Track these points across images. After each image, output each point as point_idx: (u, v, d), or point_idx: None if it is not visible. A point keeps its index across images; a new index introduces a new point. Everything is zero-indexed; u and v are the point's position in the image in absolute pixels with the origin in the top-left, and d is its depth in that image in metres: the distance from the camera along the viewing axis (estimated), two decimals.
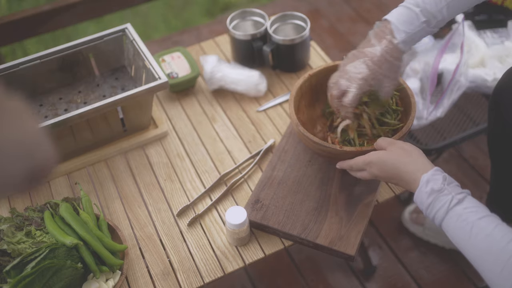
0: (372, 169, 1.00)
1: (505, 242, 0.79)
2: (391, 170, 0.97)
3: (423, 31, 1.01)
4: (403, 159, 0.95)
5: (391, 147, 0.99)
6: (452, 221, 0.86)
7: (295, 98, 1.18)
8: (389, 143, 1.00)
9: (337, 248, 1.06)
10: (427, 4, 0.99)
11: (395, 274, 1.58)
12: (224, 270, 1.09)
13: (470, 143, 1.85)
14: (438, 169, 0.92)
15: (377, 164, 0.99)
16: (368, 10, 2.53)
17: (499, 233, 0.81)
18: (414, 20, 1.00)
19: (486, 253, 0.80)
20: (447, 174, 0.91)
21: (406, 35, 1.00)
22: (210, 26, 2.52)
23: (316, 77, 1.22)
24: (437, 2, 0.99)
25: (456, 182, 0.90)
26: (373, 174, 1.00)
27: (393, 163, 0.96)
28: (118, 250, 1.07)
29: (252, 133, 1.35)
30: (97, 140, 1.29)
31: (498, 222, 0.83)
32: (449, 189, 0.88)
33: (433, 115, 1.58)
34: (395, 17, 1.01)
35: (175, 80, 1.41)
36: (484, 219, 0.83)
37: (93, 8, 1.98)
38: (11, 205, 1.22)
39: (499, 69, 1.63)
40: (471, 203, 0.86)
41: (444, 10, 0.99)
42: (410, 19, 1.00)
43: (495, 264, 0.79)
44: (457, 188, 0.88)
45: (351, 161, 1.04)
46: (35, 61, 1.31)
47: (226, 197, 1.22)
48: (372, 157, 1.00)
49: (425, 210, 0.90)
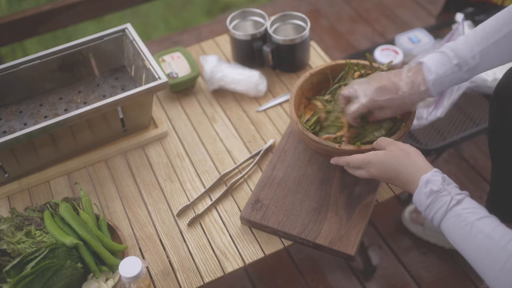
0: (370, 169, 1.00)
1: (504, 242, 0.79)
2: (390, 171, 0.97)
3: (454, 75, 1.01)
4: (402, 160, 0.95)
5: (390, 148, 0.99)
6: (451, 222, 0.86)
7: (296, 97, 1.18)
8: (388, 143, 1.00)
9: (337, 248, 1.06)
10: (461, 49, 1.00)
11: (395, 274, 1.58)
12: (224, 270, 1.09)
13: (470, 143, 1.85)
14: (437, 170, 0.92)
15: (375, 165, 0.99)
16: (368, 10, 2.53)
17: (498, 233, 0.81)
18: (446, 62, 1.01)
19: (485, 253, 0.81)
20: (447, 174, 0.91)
21: (437, 76, 1.01)
22: (210, 26, 2.52)
23: (317, 76, 1.22)
24: (471, 49, 0.99)
25: (455, 184, 0.90)
26: (371, 174, 1.01)
27: (392, 164, 0.96)
28: (118, 250, 1.07)
29: (252, 133, 1.35)
30: (97, 140, 1.29)
31: (497, 223, 0.83)
32: (448, 189, 0.88)
33: (433, 115, 1.58)
34: (428, 59, 1.03)
35: (175, 80, 1.41)
36: (483, 220, 0.83)
37: (93, 8, 1.98)
38: (11, 205, 1.22)
39: (499, 69, 1.62)
40: (470, 204, 0.86)
41: (477, 57, 0.99)
42: (443, 61, 1.01)
43: (494, 264, 0.79)
44: (456, 189, 0.89)
45: (349, 157, 1.04)
46: (35, 61, 1.31)
47: (226, 197, 1.22)
48: (371, 157, 1.00)
49: (424, 211, 0.90)
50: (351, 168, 1.06)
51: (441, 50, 1.02)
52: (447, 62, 1.00)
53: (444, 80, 1.01)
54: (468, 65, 1.00)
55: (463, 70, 1.00)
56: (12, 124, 1.31)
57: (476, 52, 0.99)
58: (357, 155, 1.03)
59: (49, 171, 1.26)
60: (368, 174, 1.02)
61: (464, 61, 0.99)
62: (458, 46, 1.00)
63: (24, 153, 1.19)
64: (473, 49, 0.99)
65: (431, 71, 1.01)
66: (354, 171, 1.05)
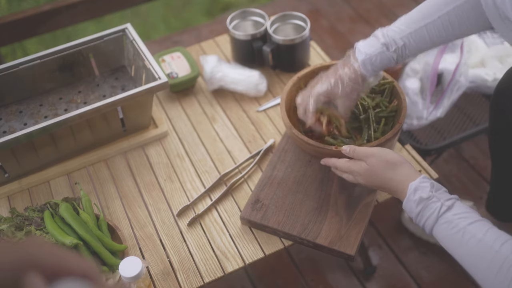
0: (357, 177, 1.01)
1: (497, 246, 0.78)
2: (377, 181, 0.97)
3: (383, 54, 1.05)
4: (388, 171, 0.95)
5: (370, 160, 0.98)
6: (443, 228, 0.85)
7: (286, 102, 1.19)
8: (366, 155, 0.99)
9: (337, 248, 1.06)
10: (390, 31, 1.05)
11: (395, 274, 1.57)
12: (224, 270, 1.09)
13: (470, 143, 1.85)
14: (425, 176, 0.92)
15: (362, 176, 1.00)
16: (368, 10, 2.53)
17: (491, 237, 0.80)
18: (374, 42, 1.05)
19: (480, 258, 0.80)
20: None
21: (365, 56, 1.05)
22: (210, 26, 2.52)
23: (305, 79, 1.23)
24: (400, 31, 1.04)
25: (444, 188, 0.90)
26: (358, 182, 1.02)
27: (378, 175, 0.97)
28: (118, 250, 1.07)
29: (252, 133, 1.35)
30: (97, 140, 1.29)
31: (489, 226, 0.82)
32: (438, 196, 0.87)
33: (433, 115, 1.58)
34: (360, 43, 1.08)
35: (175, 80, 1.41)
36: (474, 224, 0.82)
37: (93, 8, 1.98)
38: (11, 205, 1.22)
39: (499, 69, 1.63)
40: (460, 209, 0.85)
41: (405, 39, 1.03)
42: (371, 42, 1.06)
43: (489, 269, 0.78)
44: (445, 194, 0.88)
45: (337, 161, 1.05)
46: (35, 61, 1.31)
47: (226, 197, 1.22)
48: (355, 168, 1.00)
49: (415, 218, 0.90)
50: (338, 171, 1.06)
51: (374, 33, 1.07)
52: (375, 42, 1.05)
53: (374, 60, 1.05)
54: (396, 44, 1.04)
55: (391, 50, 1.04)
56: (12, 124, 1.31)
57: (405, 33, 1.03)
58: (344, 161, 1.03)
59: (49, 171, 1.26)
60: (355, 181, 1.02)
61: (392, 41, 1.04)
62: (390, 27, 1.05)
63: (24, 153, 1.19)
64: (403, 30, 1.03)
65: (360, 52, 1.06)
66: (341, 174, 1.06)
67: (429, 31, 1.02)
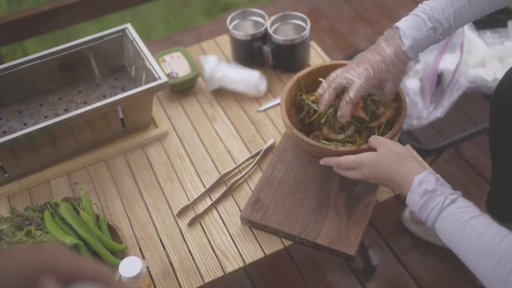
0: (363, 170, 1.00)
1: (497, 240, 0.79)
2: (383, 173, 0.97)
3: (430, 37, 1.02)
4: (395, 163, 0.95)
5: (381, 149, 0.99)
6: (445, 221, 0.86)
7: (286, 102, 1.18)
8: (380, 143, 1.00)
9: (337, 248, 1.06)
10: (435, 11, 1.01)
11: (395, 274, 1.58)
12: (224, 270, 1.09)
13: (470, 143, 1.85)
14: (430, 171, 0.92)
15: (368, 166, 0.99)
16: (368, 10, 2.53)
17: (491, 231, 0.81)
18: (421, 26, 1.02)
19: (479, 252, 0.81)
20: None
21: (413, 40, 1.02)
22: (210, 26, 2.52)
23: (305, 79, 1.23)
24: (444, 10, 1.00)
25: (448, 184, 0.90)
26: (364, 175, 1.01)
27: (385, 166, 0.96)
28: (118, 250, 1.07)
29: (252, 133, 1.35)
30: (97, 140, 1.29)
31: (490, 221, 0.83)
32: (442, 189, 0.88)
33: (433, 115, 1.58)
34: (403, 23, 1.04)
35: (175, 80, 1.41)
36: (476, 218, 0.83)
37: (93, 8, 1.98)
38: (11, 205, 1.22)
39: (499, 69, 1.63)
40: (463, 203, 0.86)
41: (451, 19, 1.00)
42: (417, 25, 1.02)
43: (488, 262, 0.79)
44: (449, 189, 0.89)
45: (340, 158, 1.04)
46: (35, 61, 1.31)
47: (226, 197, 1.22)
48: (363, 158, 1.00)
49: (418, 211, 0.90)
50: (341, 169, 1.05)
51: (415, 12, 1.03)
52: (421, 25, 1.02)
53: (421, 43, 1.03)
54: (443, 26, 1.01)
55: (437, 33, 1.02)
56: (12, 124, 1.31)
57: (450, 13, 1.00)
58: (349, 156, 1.02)
59: (49, 171, 1.26)
60: (360, 175, 1.01)
61: (439, 24, 1.01)
62: (433, 5, 1.01)
63: (24, 153, 1.19)
64: (447, 9, 1.00)
65: (406, 36, 1.02)
66: (345, 172, 1.05)
67: (472, 6, 1.00)
